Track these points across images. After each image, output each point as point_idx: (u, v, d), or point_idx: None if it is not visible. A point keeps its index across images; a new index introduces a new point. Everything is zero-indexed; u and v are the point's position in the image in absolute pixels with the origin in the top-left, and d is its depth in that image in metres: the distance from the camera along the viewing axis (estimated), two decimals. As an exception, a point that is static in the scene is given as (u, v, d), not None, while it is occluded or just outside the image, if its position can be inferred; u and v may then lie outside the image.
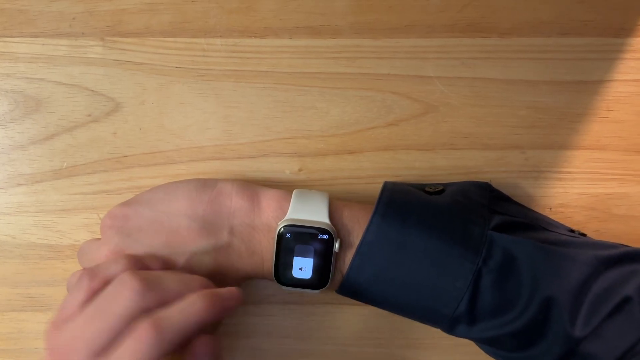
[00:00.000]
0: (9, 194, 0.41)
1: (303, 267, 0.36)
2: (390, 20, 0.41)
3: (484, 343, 0.37)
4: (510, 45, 0.41)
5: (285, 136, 0.41)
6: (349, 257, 0.36)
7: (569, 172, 0.41)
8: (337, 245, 0.35)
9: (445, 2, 0.41)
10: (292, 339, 0.41)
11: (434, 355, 0.42)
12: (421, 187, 0.39)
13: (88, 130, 0.41)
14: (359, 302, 0.39)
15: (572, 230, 0.39)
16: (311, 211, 0.36)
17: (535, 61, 0.41)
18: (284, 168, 0.41)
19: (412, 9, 0.41)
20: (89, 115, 0.41)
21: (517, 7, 0.41)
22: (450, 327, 0.36)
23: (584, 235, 0.39)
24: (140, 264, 0.33)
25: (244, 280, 0.37)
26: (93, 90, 0.41)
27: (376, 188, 0.41)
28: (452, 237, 0.35)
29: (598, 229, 0.41)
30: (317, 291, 0.36)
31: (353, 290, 0.36)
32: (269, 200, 0.36)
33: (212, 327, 0.38)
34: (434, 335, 0.41)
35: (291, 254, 0.35)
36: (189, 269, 0.35)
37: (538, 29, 0.41)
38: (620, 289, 0.34)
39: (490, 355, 0.38)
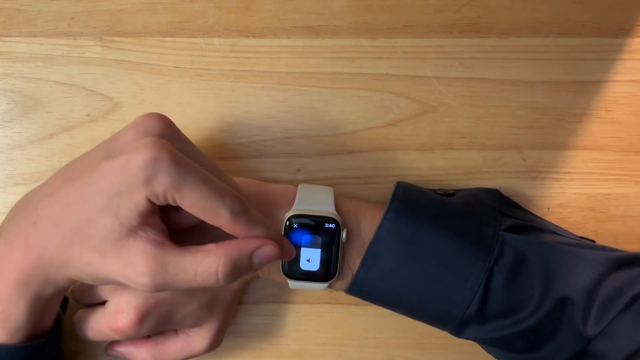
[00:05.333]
0: (7, 193, 0.41)
1: (311, 258, 0.36)
2: (388, 21, 0.41)
3: (493, 345, 0.37)
4: (508, 46, 0.41)
5: (283, 136, 0.41)
6: (357, 252, 0.36)
7: (567, 173, 0.41)
8: (344, 235, 0.35)
9: (443, 2, 0.41)
10: (289, 338, 0.41)
11: (433, 355, 0.41)
12: (432, 191, 0.39)
13: (86, 129, 0.41)
14: (357, 302, 0.38)
15: (581, 237, 0.39)
16: (317, 202, 0.36)
17: (533, 61, 0.41)
18: (283, 168, 0.41)
19: (410, 9, 0.41)
20: (88, 115, 0.41)
21: (515, 7, 0.41)
22: (460, 328, 0.36)
23: (593, 241, 0.39)
24: None
25: (246, 282, 0.37)
26: (91, 90, 0.41)
27: (375, 188, 0.41)
28: (464, 237, 0.35)
29: (596, 230, 0.41)
30: (324, 285, 0.36)
31: (363, 288, 0.36)
32: (275, 192, 0.37)
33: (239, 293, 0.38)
34: (432, 335, 0.41)
35: (298, 244, 0.35)
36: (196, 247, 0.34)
37: (536, 29, 0.41)
38: (631, 288, 0.34)
39: (498, 358, 0.38)
